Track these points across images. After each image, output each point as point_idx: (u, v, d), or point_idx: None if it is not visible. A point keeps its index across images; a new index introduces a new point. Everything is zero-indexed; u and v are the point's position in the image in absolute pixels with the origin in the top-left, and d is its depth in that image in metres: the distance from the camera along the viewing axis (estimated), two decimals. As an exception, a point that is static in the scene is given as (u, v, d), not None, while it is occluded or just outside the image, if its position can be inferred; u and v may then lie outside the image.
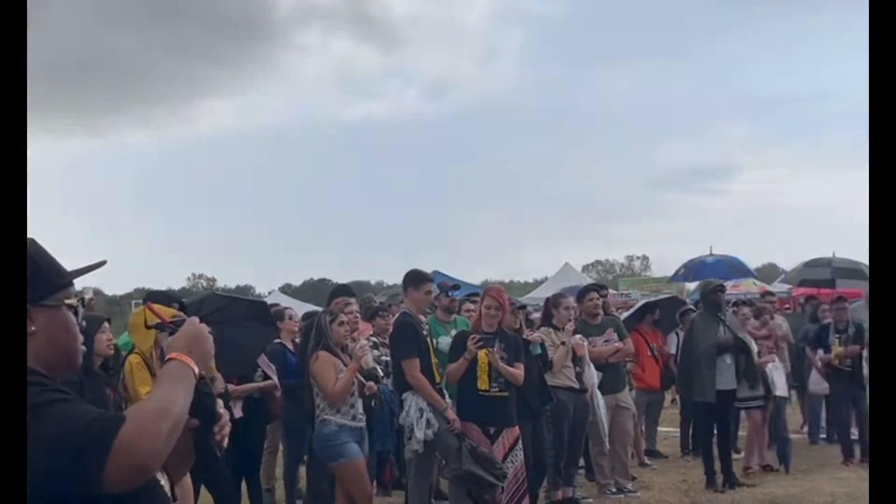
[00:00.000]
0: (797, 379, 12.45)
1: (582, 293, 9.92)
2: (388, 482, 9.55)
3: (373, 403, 7.83)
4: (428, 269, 9.69)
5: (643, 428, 11.67)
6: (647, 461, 11.24)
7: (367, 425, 7.37)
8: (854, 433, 11.00)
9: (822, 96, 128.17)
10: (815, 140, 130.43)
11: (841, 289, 16.77)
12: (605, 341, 9.49)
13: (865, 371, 11.46)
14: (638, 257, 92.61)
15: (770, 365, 10.55)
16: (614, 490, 9.37)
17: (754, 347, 10.19)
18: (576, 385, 8.86)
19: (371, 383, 7.74)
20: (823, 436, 12.36)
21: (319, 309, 10.07)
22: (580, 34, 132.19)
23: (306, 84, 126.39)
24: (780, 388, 10.65)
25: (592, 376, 8.98)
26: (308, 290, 59.11)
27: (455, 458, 7.31)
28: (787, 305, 21.12)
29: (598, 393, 9.06)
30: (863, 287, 15.82)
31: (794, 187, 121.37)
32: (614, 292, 33.33)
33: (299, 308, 15.04)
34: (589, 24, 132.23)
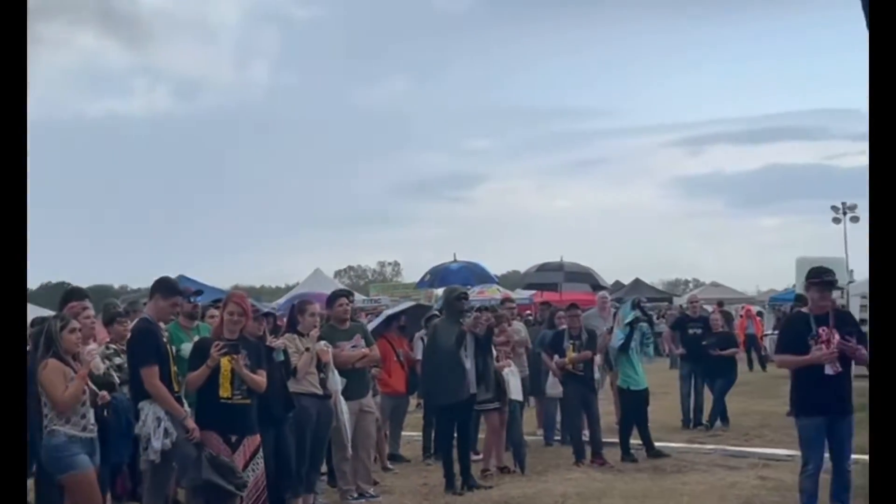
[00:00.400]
0: (534, 383, 12.96)
1: (332, 299, 9.96)
2: (122, 494, 9.18)
3: (105, 413, 7.53)
4: (175, 274, 9.44)
5: (387, 433, 11.82)
6: (390, 465, 11.39)
7: (100, 436, 7.07)
8: (585, 435, 11.54)
9: (565, 112, 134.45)
10: (555, 153, 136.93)
11: (569, 293, 17.65)
12: (353, 346, 9.56)
13: (597, 375, 12.12)
14: (390, 263, 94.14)
15: (507, 369, 10.95)
16: (356, 495, 9.43)
17: (493, 352, 10.54)
18: (319, 391, 8.85)
19: (104, 392, 7.45)
20: (558, 438, 12.92)
21: (53, 314, 9.58)
22: (339, 41, 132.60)
23: (48, 78, 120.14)
24: (516, 391, 11.07)
25: (336, 382, 9.00)
26: (45, 294, 56.07)
27: (194, 468, 7.14)
28: (527, 311, 21.96)
29: (342, 398, 9.09)
30: (587, 289, 16.78)
31: (536, 196, 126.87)
32: (364, 297, 33.65)
33: (32, 312, 14.24)
34: (348, 32, 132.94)
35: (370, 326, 11.15)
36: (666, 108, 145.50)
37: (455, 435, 10.04)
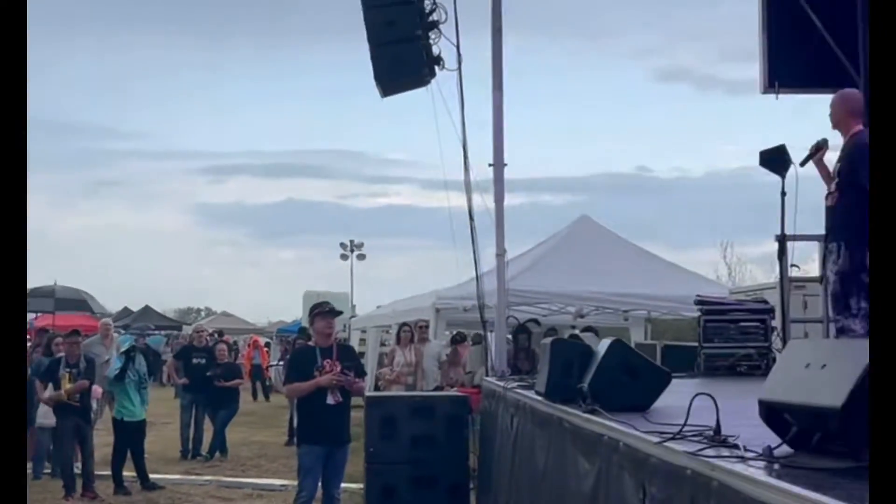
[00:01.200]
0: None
1: None
2: None
3: None
4: None
5: None
6: None
7: None
8: (77, 467, 11.07)
9: (83, 129, 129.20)
10: (70, 170, 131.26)
11: (63, 317, 16.86)
12: None
13: (94, 406, 11.71)
14: None
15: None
16: None
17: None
18: None
19: None
20: (48, 470, 12.26)
21: None
22: None
23: None
24: None
25: None
26: None
27: None
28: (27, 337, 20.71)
29: None
30: (87, 314, 16.23)
31: (46, 214, 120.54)
32: None
33: None
34: None
35: None
36: (189, 136, 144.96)
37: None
